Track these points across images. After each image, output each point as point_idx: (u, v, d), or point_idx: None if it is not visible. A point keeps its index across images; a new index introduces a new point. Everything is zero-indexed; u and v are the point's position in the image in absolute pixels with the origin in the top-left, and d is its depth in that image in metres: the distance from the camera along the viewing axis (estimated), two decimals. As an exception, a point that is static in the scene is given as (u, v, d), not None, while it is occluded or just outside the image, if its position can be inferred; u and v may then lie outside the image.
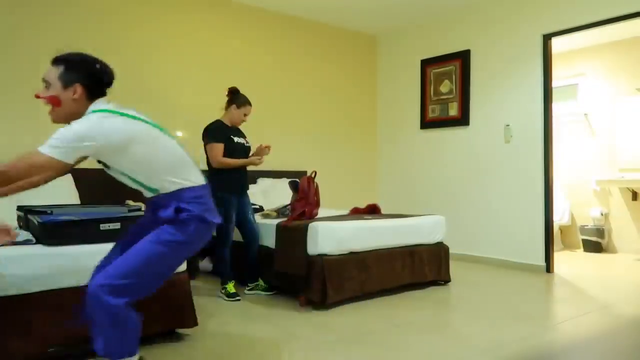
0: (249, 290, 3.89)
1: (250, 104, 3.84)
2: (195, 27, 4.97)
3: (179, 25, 4.86)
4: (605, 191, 6.18)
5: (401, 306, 3.49)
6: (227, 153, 3.72)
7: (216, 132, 3.73)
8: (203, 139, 3.78)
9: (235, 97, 3.82)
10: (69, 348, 2.38)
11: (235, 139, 3.79)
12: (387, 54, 6.38)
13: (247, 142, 3.92)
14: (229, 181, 3.73)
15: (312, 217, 3.86)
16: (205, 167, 3.73)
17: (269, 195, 4.83)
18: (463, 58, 5.47)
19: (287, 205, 4.13)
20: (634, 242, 5.91)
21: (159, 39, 4.73)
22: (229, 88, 3.89)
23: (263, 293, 3.85)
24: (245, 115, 3.83)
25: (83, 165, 4.36)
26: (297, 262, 3.50)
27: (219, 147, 3.68)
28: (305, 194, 3.94)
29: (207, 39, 5.04)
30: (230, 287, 3.71)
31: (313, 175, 4.01)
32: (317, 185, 4.02)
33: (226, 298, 3.67)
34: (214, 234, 3.59)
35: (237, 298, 3.65)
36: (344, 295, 3.47)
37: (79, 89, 1.96)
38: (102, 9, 4.42)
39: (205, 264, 4.71)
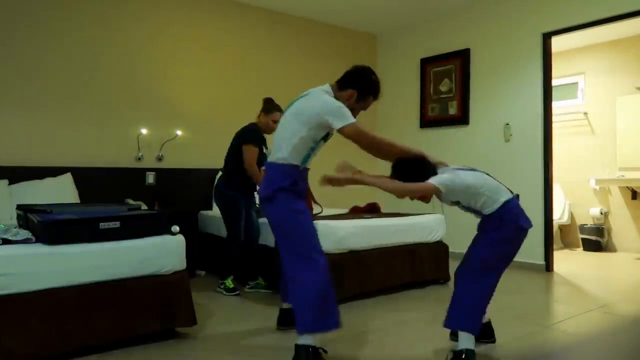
0: (249, 288, 3.92)
1: (279, 110, 3.79)
2: (195, 26, 4.97)
3: (179, 24, 4.86)
4: (604, 190, 6.18)
5: (400, 305, 3.50)
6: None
7: (255, 136, 3.76)
8: (238, 139, 3.80)
9: (267, 104, 3.86)
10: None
11: (264, 150, 3.85)
12: (387, 52, 6.38)
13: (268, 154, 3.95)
14: (242, 182, 3.80)
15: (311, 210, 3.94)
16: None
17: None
18: (463, 57, 5.46)
19: None
20: (634, 240, 5.92)
21: (159, 38, 4.73)
22: (264, 98, 3.92)
23: (263, 290, 3.88)
24: (274, 122, 3.80)
25: (82, 164, 4.39)
26: (296, 261, 3.49)
27: (255, 151, 3.72)
28: None
29: (206, 38, 5.04)
30: (229, 282, 3.80)
31: None
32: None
33: (225, 293, 3.76)
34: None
35: (237, 292, 3.75)
36: (344, 294, 3.47)
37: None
38: (102, 6, 4.42)
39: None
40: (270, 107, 3.83)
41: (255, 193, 4.11)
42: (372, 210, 4.50)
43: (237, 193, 3.78)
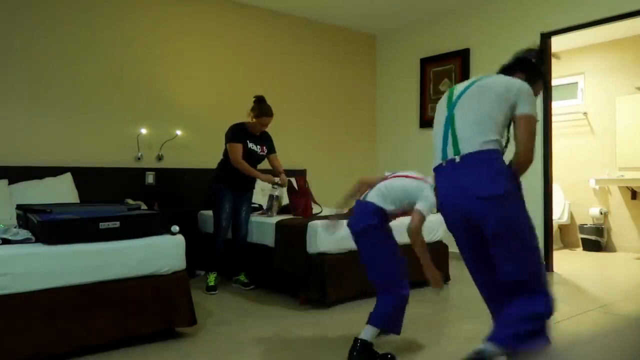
0: (233, 283, 4.06)
1: (268, 115, 3.84)
2: (196, 27, 4.96)
3: (180, 24, 4.86)
4: (604, 190, 6.18)
5: (401, 305, 3.49)
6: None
7: (234, 134, 3.85)
8: (225, 138, 3.94)
9: (256, 107, 3.85)
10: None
11: (250, 145, 3.88)
12: (387, 52, 6.38)
13: (262, 151, 3.97)
14: (229, 177, 3.88)
15: (309, 214, 4.00)
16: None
17: (267, 194, 4.87)
18: (462, 57, 5.46)
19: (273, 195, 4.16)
20: (633, 240, 5.92)
21: (159, 38, 4.73)
22: (255, 96, 3.95)
23: (244, 288, 3.96)
24: (262, 125, 3.87)
25: (82, 164, 4.38)
26: (296, 260, 3.50)
27: (237, 147, 3.80)
28: (304, 192, 4.07)
29: (207, 38, 5.04)
30: (211, 279, 3.85)
31: (304, 182, 4.14)
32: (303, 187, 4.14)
33: (205, 291, 3.80)
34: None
35: (212, 292, 3.78)
36: (344, 294, 3.47)
37: None
38: (102, 6, 4.42)
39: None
40: (261, 111, 3.83)
41: (257, 190, 4.17)
42: (372, 210, 4.51)
43: (221, 186, 3.88)
